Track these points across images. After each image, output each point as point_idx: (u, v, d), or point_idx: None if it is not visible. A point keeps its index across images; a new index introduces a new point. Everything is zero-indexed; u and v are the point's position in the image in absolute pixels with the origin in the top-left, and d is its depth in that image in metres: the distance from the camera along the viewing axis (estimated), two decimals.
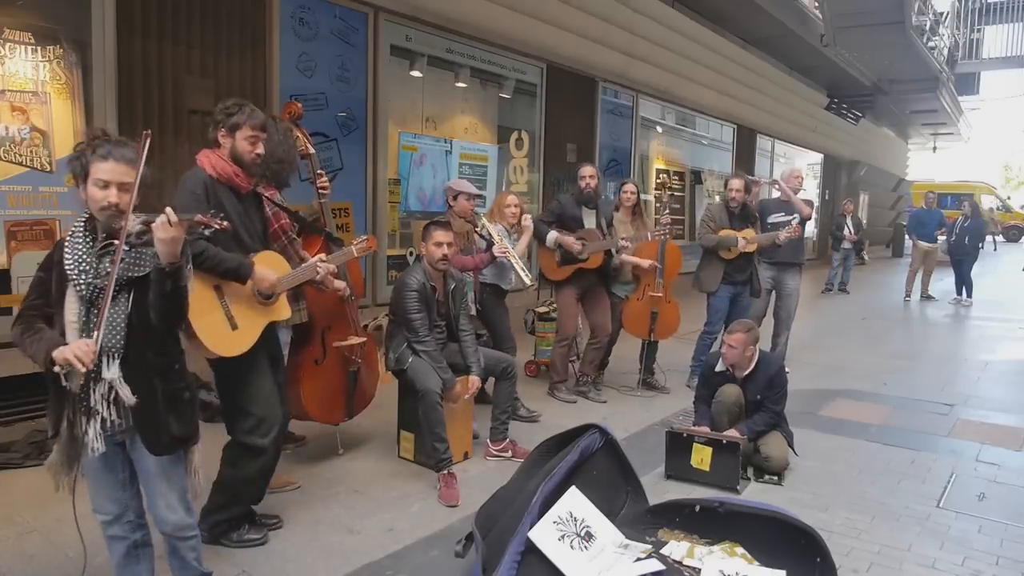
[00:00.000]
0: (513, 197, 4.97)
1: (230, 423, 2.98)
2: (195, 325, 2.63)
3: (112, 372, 2.03)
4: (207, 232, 2.30)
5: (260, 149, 2.86)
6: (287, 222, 3.45)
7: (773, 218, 5.93)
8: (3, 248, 4.18)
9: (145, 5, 4.67)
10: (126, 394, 2.04)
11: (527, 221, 4.88)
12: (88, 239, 2.08)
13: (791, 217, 5.89)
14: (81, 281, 2.04)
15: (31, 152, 4.24)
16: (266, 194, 3.26)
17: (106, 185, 2.02)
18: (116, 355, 2.04)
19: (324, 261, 3.19)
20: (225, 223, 2.14)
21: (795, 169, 6.20)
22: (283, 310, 3.00)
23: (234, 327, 2.76)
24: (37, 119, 4.27)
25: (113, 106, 4.50)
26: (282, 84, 5.45)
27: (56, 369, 1.95)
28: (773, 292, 6.14)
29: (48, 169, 4.31)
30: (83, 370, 1.93)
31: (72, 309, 2.05)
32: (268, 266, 2.89)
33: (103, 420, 2.05)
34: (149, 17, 4.71)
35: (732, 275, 5.56)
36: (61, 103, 4.37)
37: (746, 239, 5.46)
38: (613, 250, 5.12)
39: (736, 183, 5.59)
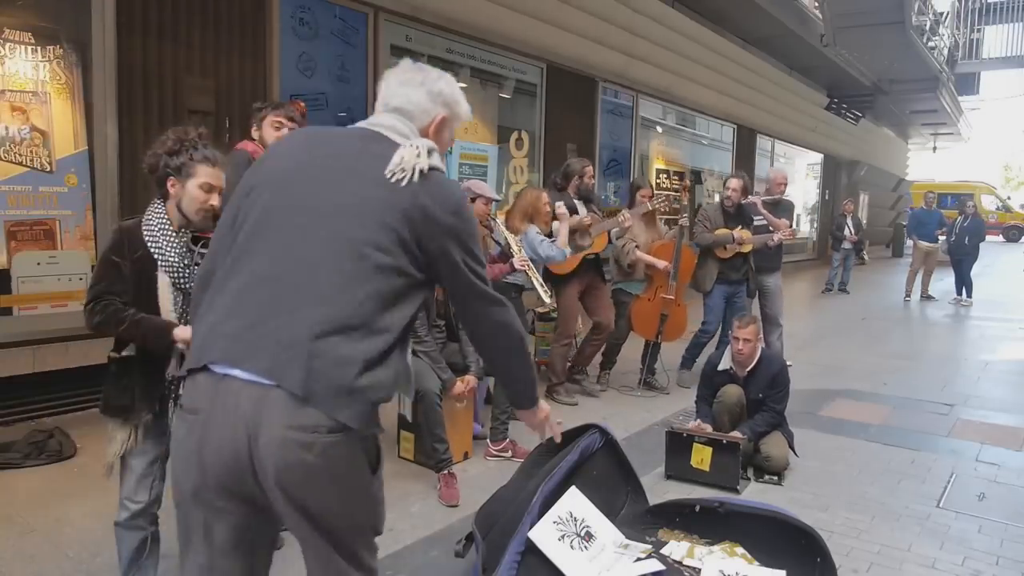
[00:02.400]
0: (545, 194, 4.78)
1: None
2: None
3: None
4: None
5: (285, 133, 3.24)
6: None
7: (757, 221, 5.94)
8: (3, 248, 4.18)
9: (145, 5, 4.67)
10: None
11: (561, 209, 4.74)
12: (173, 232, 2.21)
13: (766, 221, 5.90)
14: (184, 273, 2.17)
15: (31, 152, 4.24)
16: None
17: (211, 189, 2.18)
18: None
19: None
20: None
21: (778, 175, 6.09)
22: None
23: None
24: (37, 119, 4.27)
25: (113, 106, 4.49)
26: (282, 84, 5.44)
27: (180, 346, 2.11)
28: (756, 293, 6.14)
29: (48, 169, 4.31)
30: None
31: (168, 298, 2.17)
32: None
33: None
34: (149, 17, 4.71)
35: (727, 274, 5.63)
36: (61, 103, 4.36)
37: (741, 237, 5.53)
38: (612, 231, 5.16)
39: (735, 183, 5.63)
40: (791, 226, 6.02)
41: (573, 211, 5.10)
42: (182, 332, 2.10)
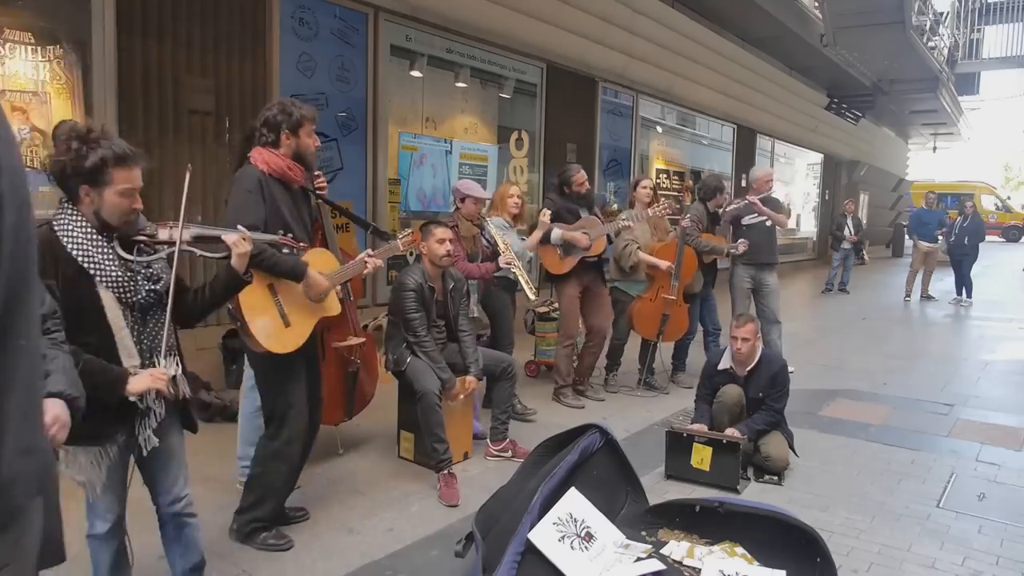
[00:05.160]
0: (516, 188, 4.95)
1: (266, 422, 3.08)
2: (251, 323, 2.72)
3: (174, 369, 2.08)
4: (285, 252, 2.62)
5: (318, 141, 3.01)
6: (317, 223, 3.51)
7: (748, 220, 5.95)
8: None
9: (145, 5, 4.67)
10: (186, 388, 2.16)
11: (545, 217, 4.84)
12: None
13: (763, 218, 5.94)
14: (129, 287, 2.00)
15: (31, 152, 4.23)
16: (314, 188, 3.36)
17: (132, 192, 1.97)
18: (174, 352, 2.11)
19: (371, 256, 3.20)
20: (302, 243, 2.58)
21: (765, 174, 6.14)
22: (333, 306, 3.03)
23: (287, 324, 2.82)
24: (37, 119, 4.27)
25: (113, 106, 4.50)
26: (282, 84, 5.44)
27: (133, 399, 1.99)
28: (753, 292, 6.12)
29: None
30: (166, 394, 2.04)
31: (119, 317, 1.99)
32: (318, 262, 2.96)
33: (155, 415, 2.10)
34: (149, 17, 4.71)
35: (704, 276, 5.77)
36: (61, 103, 4.36)
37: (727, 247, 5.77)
38: (612, 234, 5.16)
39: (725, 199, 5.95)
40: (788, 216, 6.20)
41: (575, 215, 5.08)
42: (137, 384, 1.94)
